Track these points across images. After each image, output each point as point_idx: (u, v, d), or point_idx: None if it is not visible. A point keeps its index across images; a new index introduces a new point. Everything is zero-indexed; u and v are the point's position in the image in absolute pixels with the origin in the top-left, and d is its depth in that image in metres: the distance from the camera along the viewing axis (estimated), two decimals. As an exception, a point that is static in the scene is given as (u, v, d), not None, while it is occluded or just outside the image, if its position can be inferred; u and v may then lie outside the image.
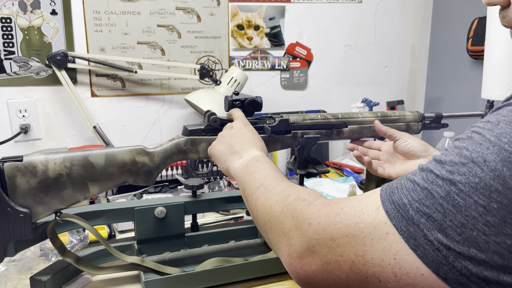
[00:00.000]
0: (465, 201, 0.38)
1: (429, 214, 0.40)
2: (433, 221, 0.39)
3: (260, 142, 0.77)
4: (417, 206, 0.41)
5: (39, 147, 1.43)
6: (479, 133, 0.41)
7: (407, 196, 0.42)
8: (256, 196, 0.60)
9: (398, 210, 0.42)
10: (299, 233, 0.48)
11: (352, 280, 0.44)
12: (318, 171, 0.95)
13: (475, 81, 1.52)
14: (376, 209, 0.44)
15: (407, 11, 1.81)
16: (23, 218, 0.74)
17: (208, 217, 1.24)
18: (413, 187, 0.42)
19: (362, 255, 0.43)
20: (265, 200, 0.58)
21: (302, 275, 0.48)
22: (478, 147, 0.40)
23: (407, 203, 0.41)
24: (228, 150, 0.76)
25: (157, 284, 0.85)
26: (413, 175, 0.44)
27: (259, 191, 0.61)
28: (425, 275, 0.40)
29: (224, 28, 1.57)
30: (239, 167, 0.70)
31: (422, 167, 0.44)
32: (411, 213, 0.41)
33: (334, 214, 0.47)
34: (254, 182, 0.63)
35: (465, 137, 0.42)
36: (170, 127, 1.58)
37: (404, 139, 0.87)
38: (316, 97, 1.76)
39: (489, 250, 0.37)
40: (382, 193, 0.45)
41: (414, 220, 0.40)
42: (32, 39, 1.37)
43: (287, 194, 0.55)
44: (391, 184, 0.45)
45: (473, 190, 0.38)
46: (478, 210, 0.37)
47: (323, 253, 0.46)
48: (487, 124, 0.41)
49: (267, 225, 0.55)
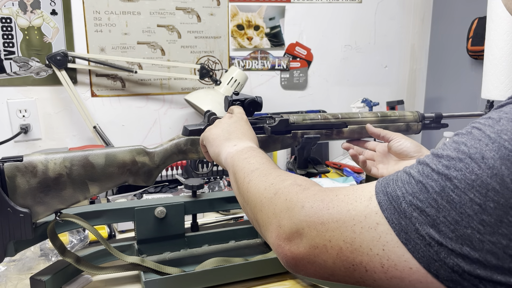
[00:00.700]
0: (460, 198, 0.37)
1: (422, 208, 0.39)
2: (426, 215, 0.39)
3: (256, 140, 0.76)
4: (410, 199, 0.40)
5: (39, 147, 1.43)
6: (479, 128, 0.40)
7: (401, 189, 0.41)
8: (249, 178, 0.59)
9: (390, 202, 0.41)
10: (290, 214, 0.48)
11: (338, 266, 0.44)
12: (318, 171, 0.95)
13: (475, 81, 1.52)
14: (369, 198, 0.44)
15: (407, 11, 1.81)
16: (23, 218, 0.74)
17: (208, 217, 1.24)
18: (408, 179, 0.42)
19: (351, 242, 0.43)
20: (259, 182, 0.57)
21: (290, 257, 0.48)
22: (476, 143, 0.39)
23: (401, 196, 0.41)
24: (223, 136, 0.74)
25: (157, 284, 0.85)
26: (410, 168, 0.43)
27: (254, 174, 0.60)
28: (413, 269, 0.39)
29: (224, 28, 1.57)
30: (232, 152, 0.69)
31: (420, 160, 0.43)
32: (404, 206, 0.40)
33: (328, 199, 0.47)
34: (249, 166, 0.62)
35: (464, 132, 0.41)
36: (170, 127, 1.58)
37: (398, 139, 0.87)
38: (316, 97, 1.76)
39: (483, 249, 0.36)
40: (377, 184, 0.45)
41: (406, 213, 0.40)
42: (32, 39, 1.37)
43: (284, 178, 0.55)
44: (388, 176, 0.45)
45: (469, 187, 0.37)
46: (474, 208, 0.37)
47: (311, 236, 0.46)
48: (488, 121, 0.40)
49: (258, 206, 0.55)
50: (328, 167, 1.57)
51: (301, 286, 0.89)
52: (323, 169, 0.96)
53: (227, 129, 0.76)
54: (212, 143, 0.75)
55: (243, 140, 0.73)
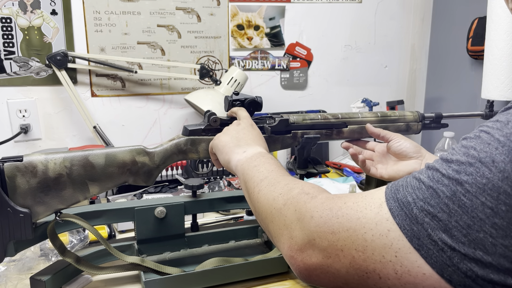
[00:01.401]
0: (471, 202, 0.37)
1: (433, 213, 0.39)
2: (438, 221, 0.39)
3: (265, 144, 0.76)
4: (421, 205, 0.40)
5: (39, 147, 1.43)
6: (488, 132, 0.40)
7: (411, 194, 0.41)
8: (259, 188, 0.60)
9: (402, 208, 0.41)
10: (301, 225, 0.48)
11: (351, 275, 0.44)
12: (318, 171, 0.95)
13: (475, 81, 1.52)
14: (379, 205, 0.43)
15: (407, 11, 1.81)
16: (23, 218, 0.74)
17: (208, 217, 1.24)
18: (418, 185, 0.42)
19: (363, 250, 0.43)
20: (268, 192, 0.57)
21: (303, 268, 0.48)
22: (486, 147, 0.39)
23: (411, 201, 0.41)
24: (233, 143, 0.75)
25: (157, 284, 0.85)
26: (419, 173, 0.43)
27: (263, 183, 0.60)
28: (427, 274, 0.39)
29: (224, 28, 1.57)
30: (242, 159, 0.69)
31: (429, 165, 0.43)
32: (415, 211, 0.40)
33: (336, 208, 0.46)
34: (258, 174, 0.63)
35: (473, 136, 0.41)
36: (170, 127, 1.58)
37: (397, 139, 0.88)
38: (316, 97, 1.76)
39: (496, 253, 0.36)
40: (387, 190, 0.45)
41: (418, 219, 0.40)
42: (32, 39, 1.37)
43: (291, 187, 0.55)
44: (397, 182, 0.45)
45: (481, 191, 0.37)
46: (485, 212, 0.36)
47: (323, 246, 0.46)
48: (496, 124, 0.40)
49: (269, 217, 0.55)
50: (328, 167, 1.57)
51: (301, 286, 0.89)
52: (323, 169, 0.96)
53: (236, 135, 0.76)
54: (222, 151, 0.76)
55: (252, 145, 0.73)
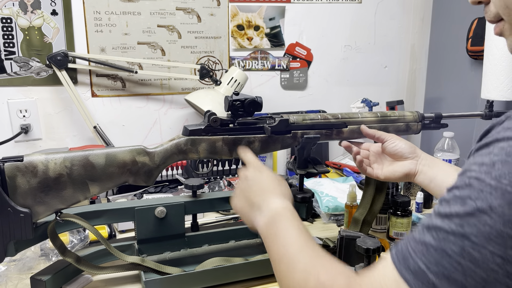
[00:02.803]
0: (480, 254, 0.37)
1: (448, 275, 0.39)
2: (454, 281, 0.38)
3: (279, 186, 0.72)
4: (435, 270, 0.40)
5: (39, 147, 1.43)
6: (477, 178, 0.40)
7: (422, 259, 0.41)
8: (280, 268, 0.58)
9: (417, 278, 0.41)
10: None
11: None
12: (318, 171, 0.95)
13: (475, 81, 1.52)
14: (395, 281, 0.43)
15: (407, 11, 1.82)
16: (23, 218, 0.74)
17: (208, 217, 1.24)
18: (426, 249, 0.41)
19: None
20: (287, 275, 0.56)
21: None
22: (480, 194, 0.39)
23: (425, 269, 0.41)
24: (247, 205, 0.71)
25: (157, 284, 0.85)
26: (420, 236, 0.42)
27: (282, 263, 0.58)
28: None
29: (224, 28, 1.58)
30: (262, 226, 0.66)
31: (428, 225, 0.43)
32: (431, 277, 0.40)
33: None
34: (277, 250, 0.60)
35: (463, 185, 0.41)
36: (170, 127, 1.58)
37: (392, 140, 0.88)
38: (316, 97, 1.76)
39: None
40: (394, 260, 0.44)
41: (436, 285, 0.39)
42: (33, 39, 1.37)
43: (307, 276, 0.53)
44: (400, 249, 0.44)
45: (486, 240, 0.37)
46: (496, 262, 0.37)
47: None
48: (482, 167, 0.40)
49: None
50: (328, 167, 1.57)
51: (301, 286, 0.89)
52: (323, 169, 0.96)
53: (247, 195, 0.72)
54: (243, 217, 0.73)
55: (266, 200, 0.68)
